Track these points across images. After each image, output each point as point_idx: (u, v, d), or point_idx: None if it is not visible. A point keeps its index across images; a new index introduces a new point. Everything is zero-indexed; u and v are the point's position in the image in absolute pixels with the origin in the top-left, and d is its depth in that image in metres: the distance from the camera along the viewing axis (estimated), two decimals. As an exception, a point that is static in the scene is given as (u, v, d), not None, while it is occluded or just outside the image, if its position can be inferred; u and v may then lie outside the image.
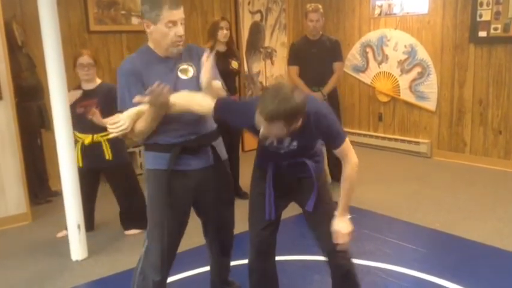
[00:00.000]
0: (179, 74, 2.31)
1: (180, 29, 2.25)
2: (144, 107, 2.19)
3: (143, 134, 2.27)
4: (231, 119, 2.24)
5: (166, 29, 2.23)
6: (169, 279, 2.95)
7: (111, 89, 3.73)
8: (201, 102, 2.20)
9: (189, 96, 2.23)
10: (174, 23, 2.22)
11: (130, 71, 2.30)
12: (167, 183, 2.29)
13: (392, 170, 5.54)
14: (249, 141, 6.51)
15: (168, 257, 2.39)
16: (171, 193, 2.30)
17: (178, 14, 2.24)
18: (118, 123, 2.17)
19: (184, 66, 2.33)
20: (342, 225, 2.22)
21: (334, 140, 2.13)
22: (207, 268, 2.88)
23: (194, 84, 2.30)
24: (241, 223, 2.66)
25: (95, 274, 3.29)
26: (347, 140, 2.13)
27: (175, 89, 2.24)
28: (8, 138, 4.13)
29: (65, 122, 3.35)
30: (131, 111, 2.20)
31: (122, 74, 2.32)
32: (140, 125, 2.21)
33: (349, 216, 2.25)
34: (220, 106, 2.16)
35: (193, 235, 2.82)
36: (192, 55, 2.37)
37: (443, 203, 4.37)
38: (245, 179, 4.83)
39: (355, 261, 3.24)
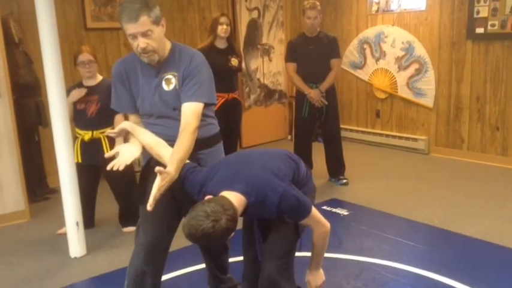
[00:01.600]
0: (163, 83, 2.28)
1: (140, 42, 2.15)
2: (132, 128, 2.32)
3: None
4: (186, 187, 2.19)
5: (131, 41, 2.20)
6: (169, 275, 2.99)
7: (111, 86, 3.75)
8: (162, 155, 2.20)
9: (157, 144, 2.25)
10: (133, 36, 2.16)
11: (117, 75, 2.37)
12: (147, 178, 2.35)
13: (390, 166, 5.55)
14: (247, 138, 6.52)
15: (152, 249, 2.33)
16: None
17: (135, 27, 2.12)
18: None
19: (168, 76, 2.28)
20: (314, 278, 2.31)
21: (297, 215, 2.10)
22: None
23: (174, 96, 2.27)
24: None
25: (93, 271, 3.29)
26: (313, 211, 2.09)
27: (159, 97, 2.28)
28: (6, 135, 4.11)
29: (63, 119, 3.34)
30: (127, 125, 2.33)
31: (112, 77, 2.41)
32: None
33: (321, 270, 2.33)
34: (184, 175, 2.15)
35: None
36: (181, 60, 2.28)
37: (441, 200, 4.38)
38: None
39: (355, 257, 3.29)
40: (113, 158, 2.22)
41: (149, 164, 2.35)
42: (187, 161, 2.18)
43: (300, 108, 4.88)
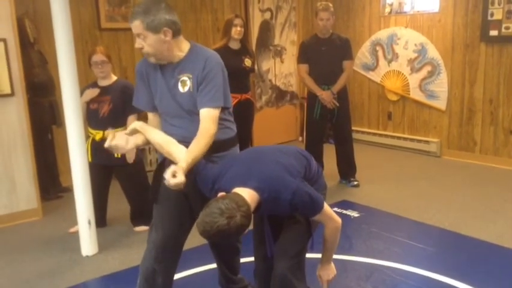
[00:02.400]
0: (179, 84, 2.31)
1: (136, 42, 2.26)
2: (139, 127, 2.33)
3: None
4: (199, 183, 2.20)
5: None
6: (180, 275, 3.01)
7: (125, 87, 3.80)
8: (172, 152, 2.22)
9: (167, 143, 2.27)
10: (135, 34, 2.26)
11: (138, 73, 2.43)
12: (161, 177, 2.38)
13: (401, 169, 5.53)
14: (259, 140, 6.52)
15: (163, 248, 2.37)
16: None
17: (132, 27, 2.23)
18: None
19: (184, 77, 2.30)
20: (325, 272, 2.36)
21: (310, 212, 2.11)
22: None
23: (187, 98, 2.30)
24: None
25: (105, 269, 3.31)
26: (325, 207, 2.10)
27: (174, 98, 2.30)
28: (20, 134, 4.16)
29: (76, 118, 3.37)
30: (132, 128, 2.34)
31: (135, 73, 2.46)
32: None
33: (332, 264, 2.38)
34: (197, 171, 2.16)
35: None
36: (196, 62, 2.30)
37: (452, 203, 4.36)
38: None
39: (365, 259, 3.28)
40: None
41: (164, 163, 2.38)
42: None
43: (312, 109, 4.88)
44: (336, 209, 4.21)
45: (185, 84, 2.30)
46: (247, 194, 1.95)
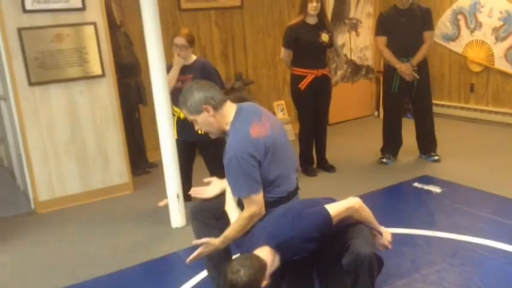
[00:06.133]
0: None
1: (195, 126, 2.62)
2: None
3: None
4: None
5: None
6: None
7: (205, 64, 3.94)
8: (228, 213, 2.59)
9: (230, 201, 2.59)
10: None
11: (252, 157, 2.52)
12: None
13: (485, 142, 5.33)
14: (333, 115, 6.48)
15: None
16: None
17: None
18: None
19: None
20: (386, 233, 2.51)
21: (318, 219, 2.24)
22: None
23: None
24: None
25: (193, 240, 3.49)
26: (331, 209, 2.23)
27: None
28: (111, 113, 4.41)
29: (165, 97, 3.54)
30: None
31: (246, 159, 2.59)
32: None
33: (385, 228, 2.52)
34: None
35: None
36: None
37: (542, 178, 4.18)
38: (331, 152, 4.87)
39: (449, 235, 3.25)
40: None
41: None
42: None
43: (389, 83, 4.79)
44: (416, 184, 4.18)
45: None
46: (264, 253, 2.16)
